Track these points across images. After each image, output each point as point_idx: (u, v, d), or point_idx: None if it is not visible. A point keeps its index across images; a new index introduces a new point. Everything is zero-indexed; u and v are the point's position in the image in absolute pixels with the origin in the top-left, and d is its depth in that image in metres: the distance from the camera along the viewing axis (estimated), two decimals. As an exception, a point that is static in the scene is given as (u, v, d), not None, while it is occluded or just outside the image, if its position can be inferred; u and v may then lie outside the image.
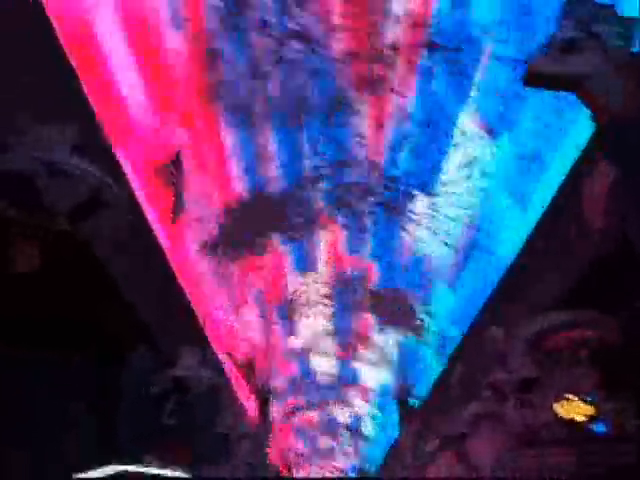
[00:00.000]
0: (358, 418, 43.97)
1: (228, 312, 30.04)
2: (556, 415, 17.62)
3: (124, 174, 20.14)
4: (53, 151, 14.99)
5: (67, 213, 15.26)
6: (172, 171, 17.83)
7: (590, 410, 17.09)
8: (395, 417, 35.04)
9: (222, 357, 27.19)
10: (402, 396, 30.96)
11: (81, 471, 15.93)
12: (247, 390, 29.57)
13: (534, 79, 12.98)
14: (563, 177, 20.18)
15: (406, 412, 30.51)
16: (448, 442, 25.78)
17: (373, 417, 43.63)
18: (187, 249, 25.24)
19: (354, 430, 44.18)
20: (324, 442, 45.41)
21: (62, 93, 16.36)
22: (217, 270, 27.38)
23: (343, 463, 46.80)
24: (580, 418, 17.15)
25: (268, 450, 32.38)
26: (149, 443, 19.86)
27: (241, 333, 30.29)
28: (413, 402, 32.63)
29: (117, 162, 19.77)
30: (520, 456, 18.39)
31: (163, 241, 23.30)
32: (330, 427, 44.35)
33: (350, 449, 46.05)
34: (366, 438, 44.78)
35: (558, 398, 17.83)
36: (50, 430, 15.95)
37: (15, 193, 14.65)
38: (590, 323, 17.13)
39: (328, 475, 46.31)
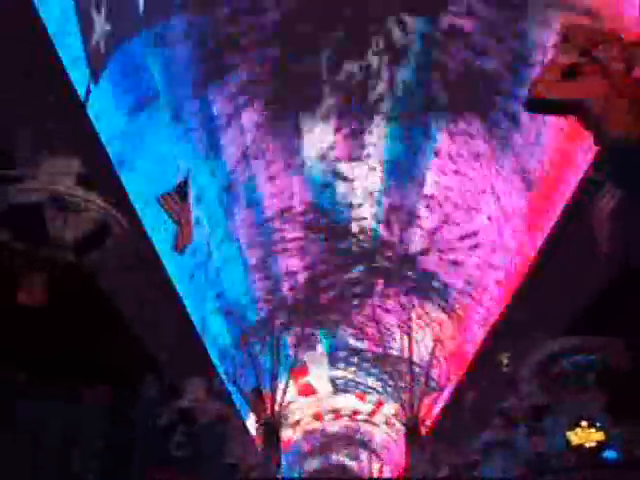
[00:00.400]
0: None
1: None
2: (567, 442, 17.40)
3: (130, 205, 20.19)
4: (59, 183, 15.02)
5: (73, 245, 15.23)
6: (176, 199, 17.75)
7: (600, 436, 16.87)
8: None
9: (229, 387, 27.05)
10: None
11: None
12: (255, 420, 29.34)
13: (536, 104, 12.94)
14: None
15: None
16: (459, 471, 25.46)
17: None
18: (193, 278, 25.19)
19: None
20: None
21: (68, 126, 16.52)
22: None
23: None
24: (590, 444, 16.93)
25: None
26: (159, 473, 19.73)
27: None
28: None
29: (122, 193, 19.83)
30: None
31: (169, 271, 23.28)
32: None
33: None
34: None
35: (571, 425, 17.61)
36: (60, 461, 15.88)
37: (22, 226, 14.66)
38: (597, 348, 16.97)
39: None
